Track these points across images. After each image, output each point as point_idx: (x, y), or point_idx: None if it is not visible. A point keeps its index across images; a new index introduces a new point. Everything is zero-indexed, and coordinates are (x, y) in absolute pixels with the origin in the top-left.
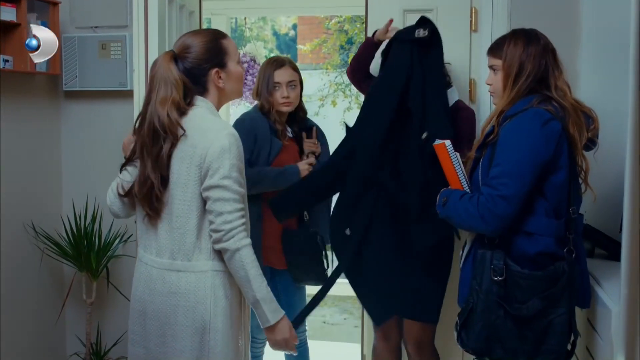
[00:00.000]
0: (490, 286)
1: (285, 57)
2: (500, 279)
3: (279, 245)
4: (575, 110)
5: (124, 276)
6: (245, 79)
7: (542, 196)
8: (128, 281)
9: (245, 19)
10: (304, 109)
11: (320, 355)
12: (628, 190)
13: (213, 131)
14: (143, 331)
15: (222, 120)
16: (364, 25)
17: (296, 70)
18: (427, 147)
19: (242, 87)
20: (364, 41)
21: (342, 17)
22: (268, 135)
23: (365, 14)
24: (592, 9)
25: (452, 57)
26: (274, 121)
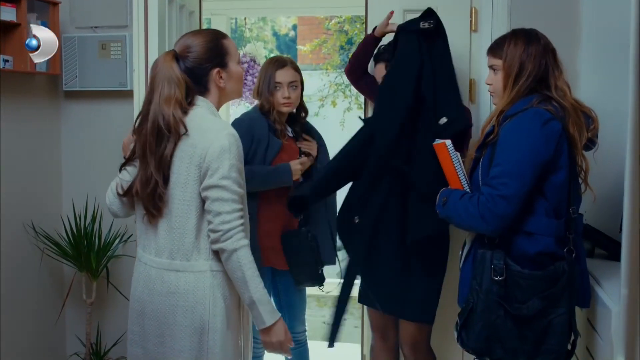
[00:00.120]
0: (491, 286)
1: (287, 57)
2: (501, 278)
3: (279, 245)
4: (575, 110)
5: (124, 276)
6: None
7: (542, 196)
8: (128, 281)
9: (245, 19)
10: (305, 109)
11: (320, 356)
12: (628, 190)
13: (213, 131)
14: (141, 331)
15: (222, 121)
16: (364, 25)
17: (298, 70)
18: (447, 132)
19: (242, 88)
20: (363, 39)
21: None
22: (266, 135)
23: (365, 14)
24: (592, 9)
25: (452, 57)
26: (273, 121)
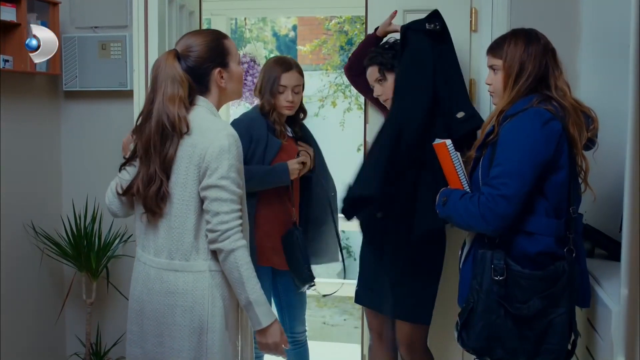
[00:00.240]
0: (491, 286)
1: (291, 59)
2: (501, 278)
3: (278, 245)
4: (575, 110)
5: (123, 276)
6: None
7: (543, 196)
8: (128, 281)
9: (245, 20)
10: (304, 110)
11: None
12: (628, 190)
13: (213, 131)
14: (140, 331)
15: (222, 121)
16: (364, 26)
17: (302, 74)
18: (464, 126)
19: (242, 88)
20: (365, 38)
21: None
22: (265, 135)
23: (365, 14)
24: (592, 9)
25: None
26: (273, 122)
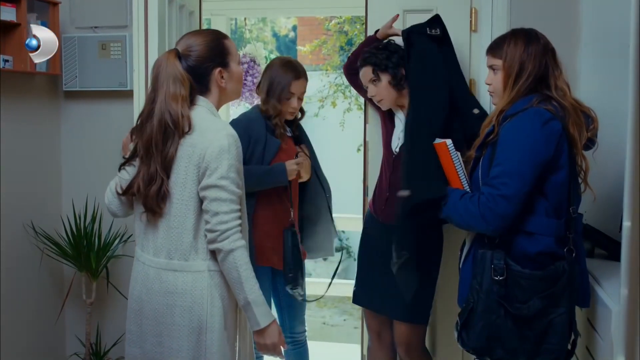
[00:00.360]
0: (491, 286)
1: (299, 64)
2: (501, 278)
3: (278, 245)
4: (575, 109)
5: (123, 276)
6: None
7: (543, 196)
8: (128, 281)
9: (245, 20)
10: (303, 111)
11: (320, 356)
12: (628, 190)
13: (212, 131)
14: (139, 331)
15: (222, 121)
16: (364, 26)
17: (307, 80)
18: (481, 123)
19: (241, 88)
20: (365, 39)
21: (342, 18)
22: (263, 135)
23: (365, 14)
24: (592, 9)
25: None
26: (274, 124)
